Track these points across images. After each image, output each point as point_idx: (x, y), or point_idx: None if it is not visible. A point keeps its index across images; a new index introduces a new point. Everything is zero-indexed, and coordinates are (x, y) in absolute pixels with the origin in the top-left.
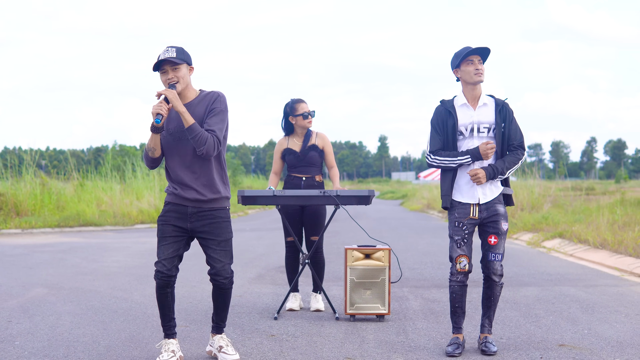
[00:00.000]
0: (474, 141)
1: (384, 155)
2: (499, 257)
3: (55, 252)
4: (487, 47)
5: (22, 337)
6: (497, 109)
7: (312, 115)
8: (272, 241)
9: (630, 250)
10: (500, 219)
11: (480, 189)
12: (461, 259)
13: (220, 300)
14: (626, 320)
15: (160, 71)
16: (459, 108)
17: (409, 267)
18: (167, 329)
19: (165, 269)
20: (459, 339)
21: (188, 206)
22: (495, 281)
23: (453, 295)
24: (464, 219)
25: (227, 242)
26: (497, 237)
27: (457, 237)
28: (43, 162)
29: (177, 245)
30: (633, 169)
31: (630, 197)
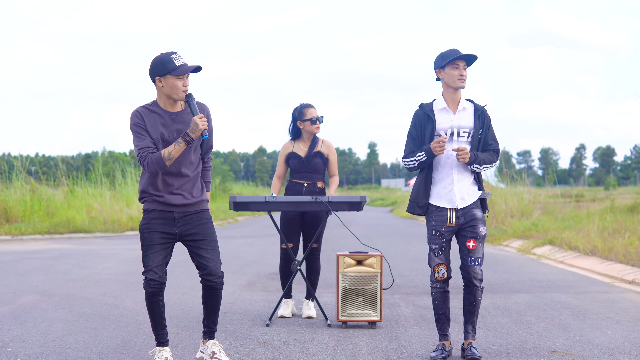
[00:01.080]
0: (454, 145)
1: (373, 162)
2: (478, 261)
3: (45, 259)
4: (475, 54)
5: (14, 344)
6: (477, 114)
7: (320, 120)
8: (263, 248)
9: (621, 257)
10: (478, 223)
11: (459, 192)
12: (439, 268)
13: (212, 302)
14: (617, 327)
15: (175, 75)
16: (438, 112)
17: (399, 274)
18: (160, 337)
19: (157, 277)
20: (445, 346)
21: (174, 212)
22: (477, 286)
23: (435, 302)
24: (441, 227)
25: (216, 242)
26: (475, 241)
27: (435, 245)
28: (33, 169)
29: (165, 252)
30: (622, 175)
31: (620, 203)
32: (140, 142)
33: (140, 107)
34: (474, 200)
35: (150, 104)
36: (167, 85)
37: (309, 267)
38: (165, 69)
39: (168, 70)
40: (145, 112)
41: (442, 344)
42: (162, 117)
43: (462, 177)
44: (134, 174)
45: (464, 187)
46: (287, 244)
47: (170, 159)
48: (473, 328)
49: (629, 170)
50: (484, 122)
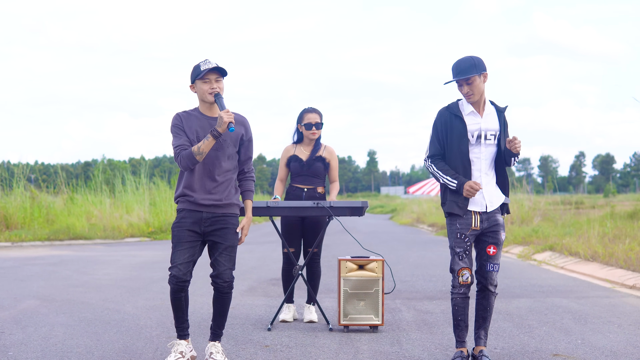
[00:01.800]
0: (481, 148)
1: (372, 170)
2: (496, 267)
3: (45, 265)
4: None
5: (16, 348)
6: (500, 116)
7: (317, 127)
8: (263, 254)
9: (621, 263)
10: (500, 229)
11: (488, 196)
12: (464, 272)
13: (218, 304)
14: (619, 331)
15: (201, 80)
16: (466, 116)
17: (400, 280)
18: (180, 330)
19: (180, 274)
20: (464, 353)
21: (203, 212)
22: (492, 291)
23: (455, 308)
24: (466, 230)
25: (232, 249)
26: (496, 248)
27: (459, 249)
28: (32, 176)
29: (192, 250)
30: (621, 183)
31: (620, 210)
32: (176, 142)
33: (181, 111)
34: (500, 204)
35: (192, 109)
36: (198, 90)
37: (310, 271)
38: (194, 75)
39: (196, 76)
40: (184, 115)
41: (460, 351)
42: (200, 120)
43: (489, 181)
44: (134, 182)
45: (491, 191)
46: (289, 249)
47: (200, 154)
48: (485, 334)
49: (628, 178)
50: (504, 123)
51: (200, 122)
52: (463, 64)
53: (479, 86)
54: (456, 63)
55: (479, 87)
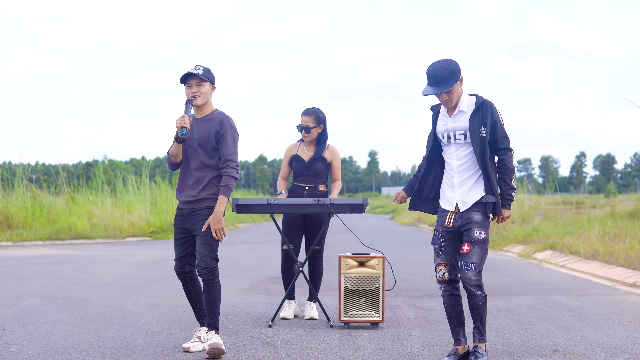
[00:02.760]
0: (452, 148)
1: (374, 170)
2: (471, 266)
3: (47, 264)
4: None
5: (17, 344)
6: (478, 112)
7: (306, 130)
8: (264, 253)
9: (622, 261)
10: (474, 227)
11: (460, 196)
12: (440, 268)
13: (205, 292)
14: (619, 327)
15: (185, 84)
16: (440, 115)
17: (401, 278)
18: (198, 317)
19: (178, 267)
20: (458, 351)
21: (184, 208)
22: (472, 291)
23: (445, 305)
24: (439, 227)
25: (207, 237)
26: (469, 245)
27: (435, 245)
28: (34, 177)
29: (185, 245)
30: (622, 183)
31: (621, 209)
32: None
33: None
34: (475, 202)
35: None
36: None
37: (312, 268)
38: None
39: (180, 79)
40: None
41: (455, 349)
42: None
43: (463, 181)
44: (135, 182)
45: (465, 191)
46: (288, 245)
47: (173, 156)
48: (479, 332)
49: (629, 178)
50: (486, 119)
51: (191, 124)
52: (440, 72)
53: (457, 91)
54: (432, 71)
55: (457, 93)
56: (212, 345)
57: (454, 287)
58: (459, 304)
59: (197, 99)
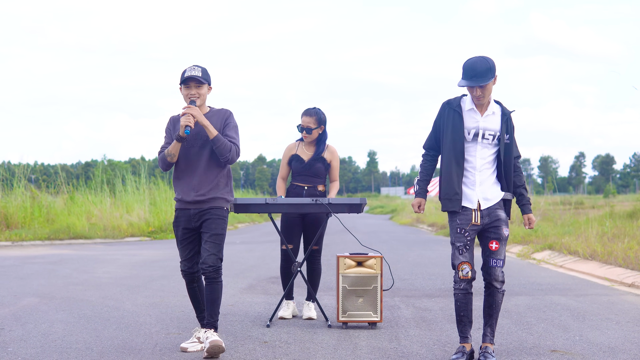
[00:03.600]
0: (477, 147)
1: (373, 171)
2: (500, 262)
3: (45, 264)
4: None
5: (15, 344)
6: (504, 118)
7: (307, 131)
8: (263, 253)
9: (620, 261)
10: (502, 224)
11: (481, 194)
12: (464, 266)
13: (207, 291)
14: (617, 327)
15: (184, 85)
16: (466, 112)
17: (400, 278)
18: (199, 319)
19: (186, 268)
20: (465, 348)
21: (190, 209)
22: (497, 288)
23: (457, 303)
24: (466, 225)
25: (217, 237)
26: (498, 243)
27: (459, 243)
28: (33, 177)
29: (191, 245)
30: (621, 184)
31: (619, 210)
32: (162, 145)
33: (176, 114)
34: (498, 200)
35: None
36: (182, 94)
37: (310, 268)
38: (180, 80)
39: (180, 81)
40: (176, 118)
41: (462, 347)
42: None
43: (484, 179)
44: (134, 182)
45: (486, 188)
46: (287, 245)
47: (170, 155)
48: (492, 331)
49: (628, 178)
50: (509, 128)
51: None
52: (479, 66)
53: (490, 89)
54: (471, 65)
55: (490, 90)
56: (213, 342)
57: (470, 286)
58: (471, 302)
59: (197, 101)
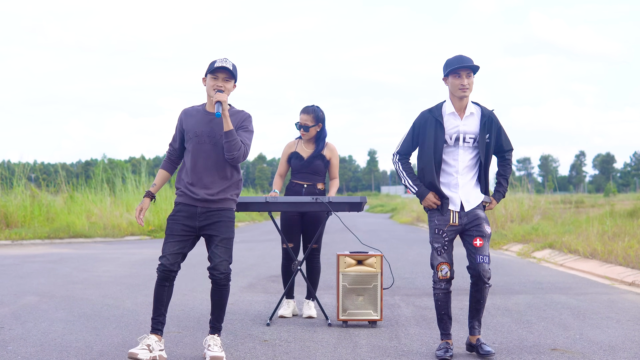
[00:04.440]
0: (459, 150)
1: (373, 169)
2: (486, 259)
3: (45, 262)
4: (475, 65)
5: (15, 342)
6: (482, 120)
7: (305, 129)
8: (263, 252)
9: (621, 260)
10: (483, 222)
11: (464, 196)
12: (442, 267)
13: (216, 297)
14: (618, 326)
15: (211, 75)
16: (447, 116)
17: (400, 276)
18: (155, 323)
19: (168, 263)
20: (449, 344)
21: (197, 206)
22: (486, 284)
23: (438, 302)
24: (444, 226)
25: (228, 241)
26: (482, 239)
27: (437, 244)
28: (33, 176)
29: (183, 243)
30: (622, 182)
31: (620, 208)
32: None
33: (189, 107)
34: (479, 203)
35: (200, 105)
36: (207, 84)
37: (310, 267)
38: (207, 69)
39: (208, 70)
40: (188, 111)
41: (445, 342)
42: (202, 116)
43: (467, 182)
44: (134, 181)
45: (468, 191)
46: (288, 244)
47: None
48: (479, 324)
49: (628, 177)
50: (491, 127)
51: (202, 118)
52: (466, 57)
53: (473, 84)
54: (457, 56)
55: (472, 85)
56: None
57: (450, 285)
58: (450, 300)
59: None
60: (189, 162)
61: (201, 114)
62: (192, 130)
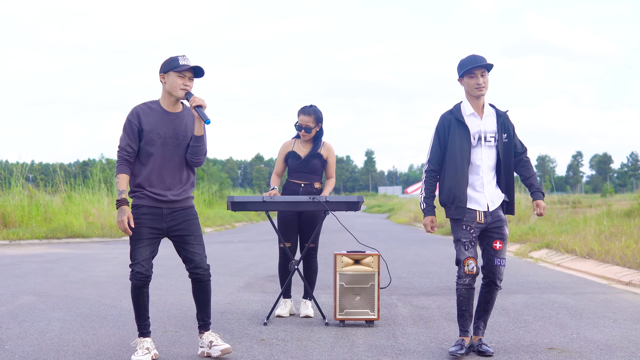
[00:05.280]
0: (482, 150)
1: (370, 170)
2: (503, 262)
3: (43, 262)
4: (489, 63)
5: (12, 342)
6: (499, 120)
7: (306, 130)
8: (260, 252)
9: (617, 260)
10: (503, 224)
11: (489, 196)
12: (469, 261)
13: (201, 294)
14: (614, 325)
15: (177, 73)
16: (467, 117)
17: (397, 276)
18: (143, 327)
19: (144, 270)
20: (465, 342)
21: (163, 208)
22: (498, 286)
23: (460, 298)
24: (471, 222)
25: (201, 237)
26: (502, 242)
27: (465, 239)
28: (30, 176)
29: (153, 247)
30: (619, 183)
31: (617, 209)
32: (122, 142)
33: (141, 104)
34: (500, 202)
35: (152, 102)
36: (169, 82)
37: (307, 266)
38: (169, 66)
39: (171, 67)
40: (144, 109)
41: (461, 339)
42: (162, 116)
43: (490, 181)
44: None
45: (492, 191)
46: (285, 243)
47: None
48: (484, 325)
49: (625, 178)
50: (507, 127)
51: (162, 118)
52: (479, 56)
53: (488, 83)
54: (471, 56)
55: (488, 83)
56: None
57: (474, 281)
58: (473, 297)
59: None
60: (151, 164)
61: (160, 114)
62: (154, 132)
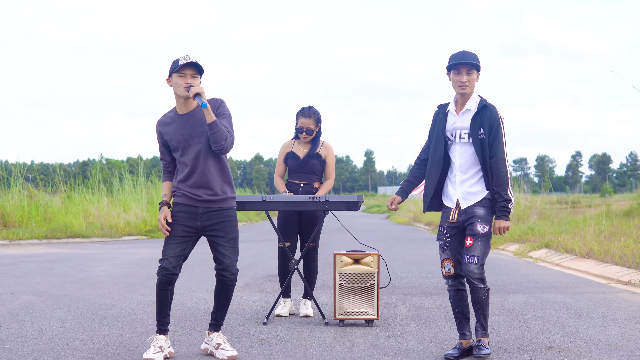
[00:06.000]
0: (456, 147)
1: (370, 170)
2: (473, 259)
3: (43, 262)
4: (472, 62)
5: (12, 341)
6: (478, 116)
7: (307, 132)
8: (260, 252)
9: (617, 259)
10: (476, 221)
11: (462, 194)
12: (445, 263)
13: (222, 296)
14: (614, 325)
15: (178, 74)
16: (449, 114)
17: (396, 276)
18: (161, 324)
19: (170, 266)
20: (462, 344)
21: (199, 207)
22: (474, 284)
23: (450, 300)
24: (444, 223)
25: (235, 240)
26: (472, 239)
27: (440, 241)
28: (30, 176)
29: (184, 245)
30: (618, 183)
31: (616, 208)
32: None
33: (162, 117)
34: (478, 200)
35: (170, 111)
36: (174, 85)
37: (307, 266)
38: (171, 69)
39: (172, 70)
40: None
41: (459, 343)
42: (177, 122)
43: (465, 179)
44: (132, 181)
45: (467, 187)
46: (284, 243)
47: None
48: (481, 326)
49: (624, 178)
50: (484, 121)
51: (177, 123)
52: (468, 53)
53: (474, 81)
54: (460, 52)
55: (473, 82)
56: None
57: (459, 282)
58: (464, 298)
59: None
60: (183, 166)
61: (175, 120)
62: (174, 139)
